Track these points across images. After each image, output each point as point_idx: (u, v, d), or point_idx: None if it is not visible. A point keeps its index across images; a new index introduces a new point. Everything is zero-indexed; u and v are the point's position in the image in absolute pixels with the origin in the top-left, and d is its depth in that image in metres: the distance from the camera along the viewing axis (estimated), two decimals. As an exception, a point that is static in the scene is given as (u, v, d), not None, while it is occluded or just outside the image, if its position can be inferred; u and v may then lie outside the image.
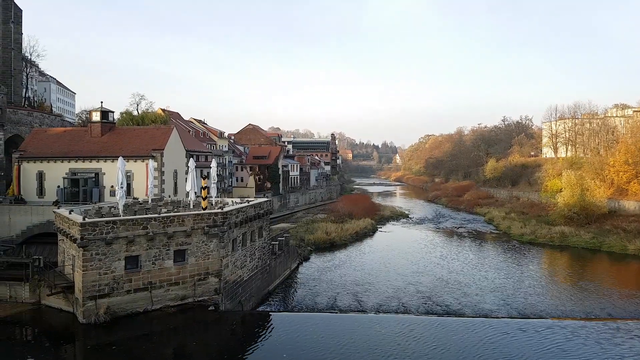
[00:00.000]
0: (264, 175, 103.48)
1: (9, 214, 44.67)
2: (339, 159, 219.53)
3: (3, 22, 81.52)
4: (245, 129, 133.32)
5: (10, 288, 32.29)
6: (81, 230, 27.04)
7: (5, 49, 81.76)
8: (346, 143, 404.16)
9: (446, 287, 43.28)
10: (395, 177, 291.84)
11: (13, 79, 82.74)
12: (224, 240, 31.28)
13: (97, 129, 51.18)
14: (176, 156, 51.86)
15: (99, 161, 48.22)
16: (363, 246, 65.21)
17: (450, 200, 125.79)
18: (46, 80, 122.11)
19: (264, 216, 39.99)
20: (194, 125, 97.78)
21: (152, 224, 28.98)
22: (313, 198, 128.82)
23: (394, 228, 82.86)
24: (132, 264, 28.53)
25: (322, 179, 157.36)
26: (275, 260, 43.07)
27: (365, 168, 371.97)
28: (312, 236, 64.07)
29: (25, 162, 49.71)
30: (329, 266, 52.25)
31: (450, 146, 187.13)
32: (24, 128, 70.38)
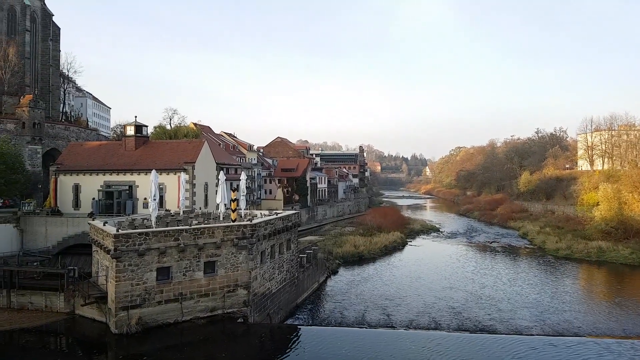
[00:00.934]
0: (292, 187, 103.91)
1: (45, 226, 46.10)
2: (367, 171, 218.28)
3: (42, 40, 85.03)
4: (274, 142, 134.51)
5: (46, 298, 33.16)
6: (115, 242, 27.60)
7: (44, 66, 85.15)
8: (374, 155, 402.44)
9: (478, 302, 42.24)
10: (425, 190, 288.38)
11: (51, 94, 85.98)
12: (252, 252, 31.42)
13: (131, 143, 52.48)
14: (207, 169, 52.63)
15: (133, 174, 49.31)
16: (392, 260, 64.41)
17: (482, 213, 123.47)
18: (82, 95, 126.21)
19: (292, 229, 40.05)
20: (224, 139, 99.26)
21: (183, 235, 29.37)
22: (341, 211, 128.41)
23: (425, 242, 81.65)
24: (163, 275, 28.91)
25: (350, 191, 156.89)
26: (304, 273, 42.96)
27: (394, 180, 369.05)
28: (341, 249, 63.72)
29: (62, 174, 51.28)
30: (357, 280, 51.78)
31: (482, 158, 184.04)
32: (61, 142, 72.90)
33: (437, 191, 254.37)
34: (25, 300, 33.61)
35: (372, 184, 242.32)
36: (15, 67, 75.59)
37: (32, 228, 46.48)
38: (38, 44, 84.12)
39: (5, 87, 75.13)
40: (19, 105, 67.67)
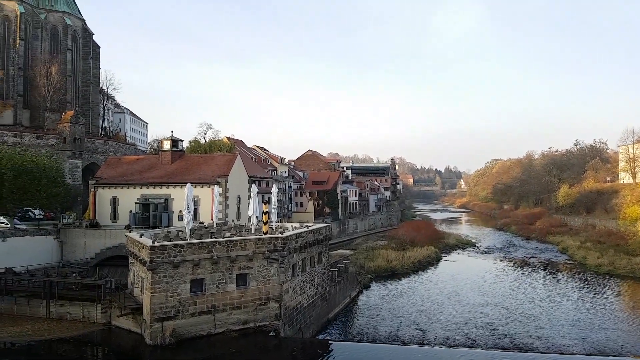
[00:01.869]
0: (323, 200, 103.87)
1: (84, 238, 47.43)
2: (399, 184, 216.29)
3: (83, 58, 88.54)
4: (305, 155, 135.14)
5: (83, 308, 33.93)
6: (150, 254, 28.03)
7: (85, 83, 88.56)
8: (407, 168, 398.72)
9: (516, 319, 40.90)
10: (460, 204, 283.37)
11: (91, 110, 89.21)
12: (284, 265, 31.38)
13: (168, 157, 53.68)
14: (239, 182, 53.23)
15: (169, 187, 50.33)
16: (426, 275, 63.24)
17: (520, 228, 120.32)
18: (121, 111, 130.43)
19: (323, 242, 39.86)
20: (256, 152, 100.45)
21: (216, 247, 29.62)
22: (373, 224, 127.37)
23: (460, 257, 79.89)
24: (197, 287, 29.14)
25: (382, 204, 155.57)
26: (335, 287, 42.60)
27: (428, 194, 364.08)
28: (373, 263, 63.00)
29: (101, 188, 52.78)
30: (390, 295, 51.01)
31: (519, 171, 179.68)
32: (100, 156, 75.29)
33: (472, 205, 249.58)
34: (64, 311, 34.46)
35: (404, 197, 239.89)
36: (57, 85, 78.92)
37: (71, 240, 47.90)
38: (79, 62, 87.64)
39: (47, 103, 78.51)
40: (61, 121, 70.45)
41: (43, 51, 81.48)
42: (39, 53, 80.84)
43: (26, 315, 34.89)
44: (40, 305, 34.96)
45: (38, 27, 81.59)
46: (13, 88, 77.42)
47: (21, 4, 79.19)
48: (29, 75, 79.08)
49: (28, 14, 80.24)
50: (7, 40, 78.33)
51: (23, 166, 44.72)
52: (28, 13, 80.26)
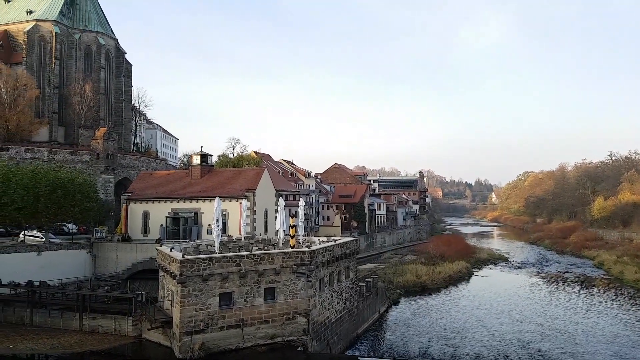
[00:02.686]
0: (350, 214, 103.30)
1: (116, 251, 48.34)
2: (428, 197, 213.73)
3: (116, 77, 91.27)
4: (331, 168, 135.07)
5: (115, 321, 34.35)
6: (180, 267, 28.25)
7: (117, 100, 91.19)
8: (435, 181, 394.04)
9: (551, 336, 39.58)
10: (491, 217, 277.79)
11: (123, 127, 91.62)
12: (311, 280, 31.16)
13: (197, 172, 54.50)
14: (267, 196, 53.50)
15: (198, 201, 50.99)
16: (457, 291, 61.90)
17: (554, 242, 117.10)
18: (152, 127, 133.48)
19: (351, 256, 39.48)
20: (283, 166, 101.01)
21: (244, 261, 29.67)
22: (401, 238, 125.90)
23: (492, 272, 77.97)
24: (225, 301, 29.17)
25: (410, 218, 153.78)
26: (363, 303, 42.04)
27: (458, 207, 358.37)
28: (402, 278, 62.05)
29: (133, 202, 53.84)
30: (420, 310, 50.09)
31: (552, 184, 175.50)
32: (132, 171, 77.02)
33: (504, 218, 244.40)
34: (96, 324, 34.97)
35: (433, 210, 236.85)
36: (91, 102, 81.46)
37: (103, 254, 48.87)
38: (112, 80, 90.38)
39: (82, 121, 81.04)
40: (94, 137, 72.51)
41: (77, 70, 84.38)
42: (74, 72, 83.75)
43: (59, 327, 35.55)
44: (73, 318, 35.60)
45: (73, 47, 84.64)
46: (49, 106, 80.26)
47: (57, 25, 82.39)
48: (64, 93, 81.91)
49: (63, 34, 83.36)
50: (43, 60, 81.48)
51: (58, 182, 45.97)
52: (63, 33, 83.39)
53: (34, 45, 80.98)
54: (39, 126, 76.47)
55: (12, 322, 37.04)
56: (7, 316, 37.69)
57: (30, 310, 37.03)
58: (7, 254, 41.38)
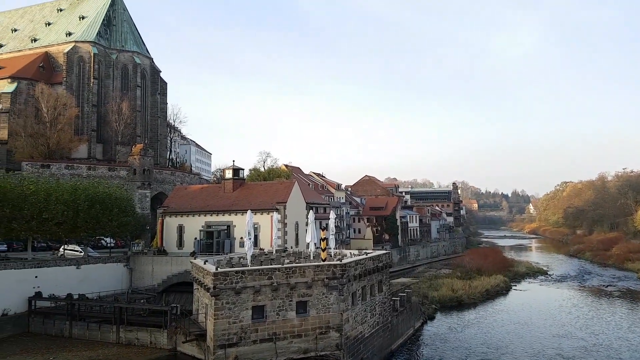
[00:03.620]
0: (382, 226, 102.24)
1: (152, 264, 49.20)
2: (462, 209, 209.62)
3: (151, 94, 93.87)
4: (362, 181, 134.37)
5: (150, 334, 34.84)
6: (214, 280, 28.43)
7: (153, 117, 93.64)
8: (470, 192, 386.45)
9: (594, 352, 37.97)
10: (529, 229, 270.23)
11: (159, 143, 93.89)
12: (343, 293, 30.82)
13: (229, 185, 55.18)
14: (297, 208, 53.58)
15: (231, 214, 51.53)
16: (495, 305, 60.13)
17: (595, 254, 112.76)
18: (187, 143, 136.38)
19: (383, 269, 38.94)
20: (313, 179, 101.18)
21: (276, 274, 29.63)
22: (435, 251, 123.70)
23: (531, 286, 75.51)
24: (258, 314, 29.14)
25: (444, 231, 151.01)
26: (397, 318, 41.29)
27: (494, 219, 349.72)
28: (437, 293, 60.78)
29: (168, 216, 54.84)
30: (457, 326, 48.84)
31: (592, 194, 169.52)
32: (167, 186, 78.61)
33: (542, 230, 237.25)
34: (132, 336, 35.55)
35: (468, 222, 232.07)
36: (128, 120, 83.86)
37: (140, 267, 49.83)
38: (148, 98, 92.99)
39: (119, 137, 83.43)
40: (131, 154, 74.46)
41: (114, 89, 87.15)
42: (111, 90, 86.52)
43: (97, 340, 36.31)
44: (110, 330, 36.30)
45: (110, 67, 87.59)
46: (87, 124, 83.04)
47: (94, 46, 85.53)
48: (102, 111, 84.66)
49: (101, 55, 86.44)
50: (82, 80, 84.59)
51: (96, 197, 47.25)
52: (101, 54, 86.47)
53: (73, 65, 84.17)
54: (79, 143, 79.06)
55: (52, 335, 38.11)
56: (48, 328, 38.82)
57: (69, 322, 38.01)
58: (48, 268, 42.64)
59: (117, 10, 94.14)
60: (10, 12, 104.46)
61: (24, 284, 40.00)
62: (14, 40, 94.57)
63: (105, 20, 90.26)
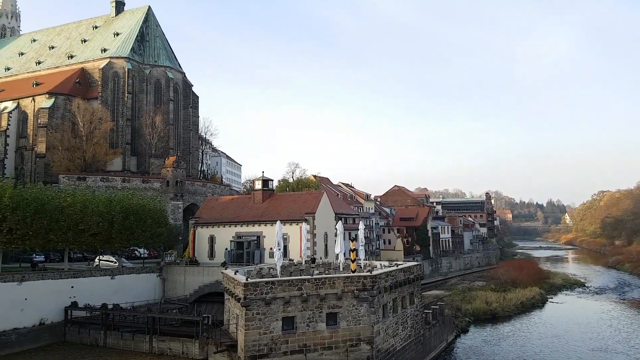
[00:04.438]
0: (412, 237, 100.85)
1: (184, 275, 49.80)
2: (496, 220, 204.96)
3: (183, 108, 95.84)
4: (391, 191, 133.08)
5: (183, 344, 35.14)
6: (244, 290, 28.46)
7: (185, 130, 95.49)
8: (504, 202, 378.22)
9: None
10: (565, 240, 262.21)
11: (191, 155, 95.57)
12: (374, 305, 30.39)
13: (259, 196, 55.55)
14: (326, 219, 53.43)
15: (260, 225, 51.80)
16: (531, 318, 58.39)
17: (635, 265, 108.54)
18: (217, 155, 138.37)
19: (415, 281, 38.27)
20: (341, 189, 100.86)
21: (305, 285, 29.47)
22: (468, 263, 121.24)
23: (568, 299, 73.10)
24: (288, 325, 28.99)
25: (478, 242, 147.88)
26: (430, 331, 40.46)
27: (529, 230, 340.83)
28: (470, 305, 59.44)
29: (199, 227, 55.55)
30: (491, 339, 47.58)
31: (630, 203, 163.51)
32: (199, 197, 79.80)
33: (579, 241, 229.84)
34: (165, 346, 35.93)
35: (502, 233, 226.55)
36: (161, 133, 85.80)
37: (172, 277, 50.51)
38: (180, 111, 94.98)
39: (152, 150, 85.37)
40: (164, 166, 76.07)
41: (148, 103, 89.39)
42: (145, 104, 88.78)
43: (131, 350, 36.85)
44: (143, 340, 36.79)
45: (143, 81, 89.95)
46: (122, 137, 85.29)
47: (129, 61, 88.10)
48: (136, 125, 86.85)
49: (135, 70, 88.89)
50: (117, 94, 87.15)
51: (130, 208, 48.27)
52: (135, 69, 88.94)
53: (108, 80, 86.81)
54: (113, 156, 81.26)
55: (88, 344, 38.93)
56: (83, 338, 39.67)
57: (104, 332, 38.75)
58: (83, 278, 43.68)
59: (150, 27, 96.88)
60: (48, 30, 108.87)
61: (60, 294, 41.06)
62: (52, 57, 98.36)
63: (139, 37, 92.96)
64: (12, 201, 38.25)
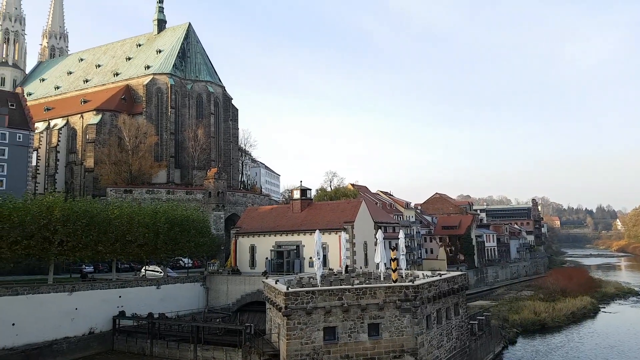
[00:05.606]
0: (456, 246, 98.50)
1: (227, 284, 50.44)
2: (543, 227, 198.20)
3: (224, 121, 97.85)
4: (432, 198, 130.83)
5: (226, 353, 35.39)
6: (285, 300, 28.47)
7: (226, 142, 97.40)
8: (551, 209, 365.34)
9: None
10: (617, 247, 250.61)
11: (231, 166, 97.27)
12: (417, 316, 29.75)
13: (298, 206, 55.77)
14: (365, 228, 52.96)
15: (299, 234, 51.96)
16: (582, 329, 55.90)
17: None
18: (257, 166, 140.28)
19: (459, 291, 37.28)
20: (380, 197, 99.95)
21: (346, 294, 29.20)
22: (515, 272, 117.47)
23: (622, 308, 69.67)
24: (329, 335, 28.74)
25: (525, 250, 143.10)
26: (476, 342, 39.25)
27: (578, 237, 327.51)
28: (518, 316, 57.50)
29: (241, 236, 56.27)
30: (540, 351, 45.83)
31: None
32: (239, 207, 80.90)
33: (632, 247, 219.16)
34: (209, 355, 36.31)
35: (550, 241, 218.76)
36: (203, 145, 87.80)
37: (215, 286, 51.26)
38: (221, 124, 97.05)
39: (195, 162, 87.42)
40: (206, 177, 77.67)
41: (190, 116, 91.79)
42: (187, 118, 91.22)
43: (176, 358, 37.48)
44: (188, 349, 37.34)
45: (185, 96, 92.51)
46: (166, 150, 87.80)
47: (171, 77, 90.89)
48: (179, 138, 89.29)
49: (177, 85, 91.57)
50: (160, 109, 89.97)
51: (175, 219, 49.46)
52: (177, 84, 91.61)
53: (152, 96, 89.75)
54: (158, 169, 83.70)
55: (135, 352, 39.86)
56: (131, 346, 40.67)
57: (150, 341, 39.58)
58: (130, 288, 44.92)
59: (191, 43, 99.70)
60: (94, 50, 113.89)
61: (108, 303, 42.31)
62: (98, 75, 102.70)
63: (180, 53, 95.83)
64: (63, 214, 39.85)
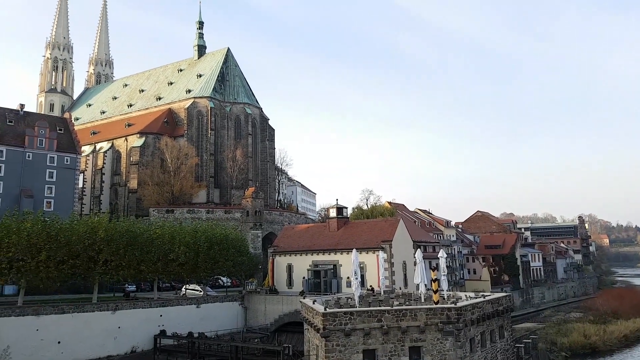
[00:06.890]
0: (500, 266, 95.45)
1: (265, 304, 50.39)
2: (591, 245, 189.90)
3: (261, 141, 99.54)
4: (474, 217, 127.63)
5: (263, 374, 35.18)
6: (323, 320, 28.04)
7: (263, 162, 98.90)
8: (599, 227, 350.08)
9: None
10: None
11: (268, 186, 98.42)
12: (460, 339, 28.72)
13: (334, 224, 55.44)
14: (404, 247, 52.00)
15: (336, 253, 51.50)
16: (636, 353, 52.89)
17: None
18: (293, 184, 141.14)
19: (504, 313, 35.86)
20: (419, 216, 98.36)
21: (385, 316, 28.54)
22: (562, 293, 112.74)
23: (680, 331, 65.27)
24: (369, 358, 28.01)
25: (572, 270, 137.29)
26: (523, 365, 37.61)
27: (629, 255, 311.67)
28: (566, 339, 55.04)
29: (278, 255, 56.32)
30: (592, 376, 43.35)
31: None
32: (276, 226, 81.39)
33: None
34: (247, 375, 36.16)
35: (599, 260, 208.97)
36: (241, 165, 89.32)
37: (253, 306, 51.31)
38: (258, 144, 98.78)
39: (233, 182, 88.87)
40: (244, 197, 78.72)
41: (229, 137, 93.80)
42: (226, 139, 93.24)
43: (215, 378, 37.48)
44: (227, 369, 37.32)
45: (224, 118, 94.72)
46: (206, 171, 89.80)
47: (211, 100, 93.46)
48: (218, 159, 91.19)
49: (216, 108, 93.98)
50: (200, 131, 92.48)
51: (214, 238, 50.14)
52: (216, 107, 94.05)
53: (193, 119, 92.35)
54: (198, 189, 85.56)
55: (175, 371, 40.11)
56: (171, 365, 40.99)
57: (190, 360, 39.78)
58: (171, 307, 45.56)
59: (230, 67, 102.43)
60: (137, 75, 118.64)
61: (150, 322, 42.99)
62: (142, 99, 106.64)
63: (220, 77, 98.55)
64: (107, 234, 41.08)
